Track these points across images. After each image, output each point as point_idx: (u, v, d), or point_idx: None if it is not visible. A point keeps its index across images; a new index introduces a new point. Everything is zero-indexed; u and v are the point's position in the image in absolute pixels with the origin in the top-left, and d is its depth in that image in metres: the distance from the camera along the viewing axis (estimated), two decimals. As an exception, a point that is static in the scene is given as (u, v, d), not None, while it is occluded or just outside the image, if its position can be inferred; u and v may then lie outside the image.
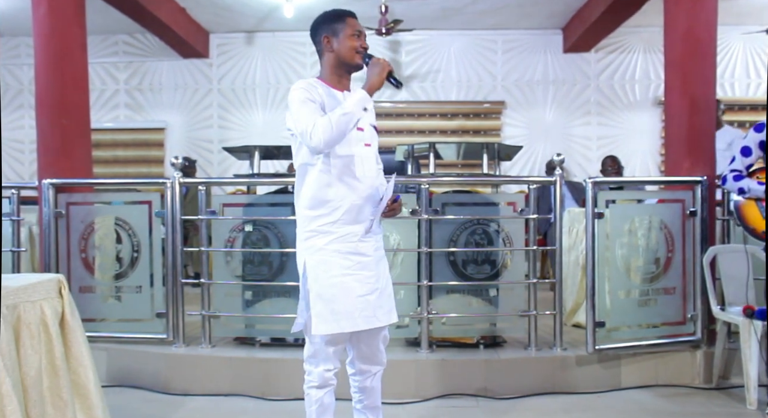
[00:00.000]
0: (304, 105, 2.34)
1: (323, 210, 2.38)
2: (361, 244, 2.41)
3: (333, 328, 2.33)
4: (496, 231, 3.92)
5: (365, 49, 2.48)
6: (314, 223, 2.39)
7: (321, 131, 2.26)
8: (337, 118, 2.28)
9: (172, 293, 3.93)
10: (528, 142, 8.33)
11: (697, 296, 3.92)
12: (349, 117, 2.30)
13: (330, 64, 2.50)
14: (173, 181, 3.94)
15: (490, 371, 3.68)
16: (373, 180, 2.48)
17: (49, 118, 4.47)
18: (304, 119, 2.31)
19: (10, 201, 4.27)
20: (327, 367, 2.41)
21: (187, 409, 3.50)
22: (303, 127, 2.29)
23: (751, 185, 3.24)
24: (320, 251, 2.37)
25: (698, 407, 3.50)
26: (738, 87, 8.44)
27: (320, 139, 2.27)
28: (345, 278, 2.36)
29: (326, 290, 2.34)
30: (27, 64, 8.49)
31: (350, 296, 2.35)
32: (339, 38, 2.46)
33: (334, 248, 2.36)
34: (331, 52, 2.48)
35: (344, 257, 2.37)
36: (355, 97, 2.34)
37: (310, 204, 2.40)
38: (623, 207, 3.96)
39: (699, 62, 4.18)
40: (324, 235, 2.37)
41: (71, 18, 4.59)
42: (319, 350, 2.41)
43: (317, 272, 2.36)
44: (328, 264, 2.36)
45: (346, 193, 2.39)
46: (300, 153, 2.44)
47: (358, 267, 2.39)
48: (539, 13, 7.77)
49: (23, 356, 2.26)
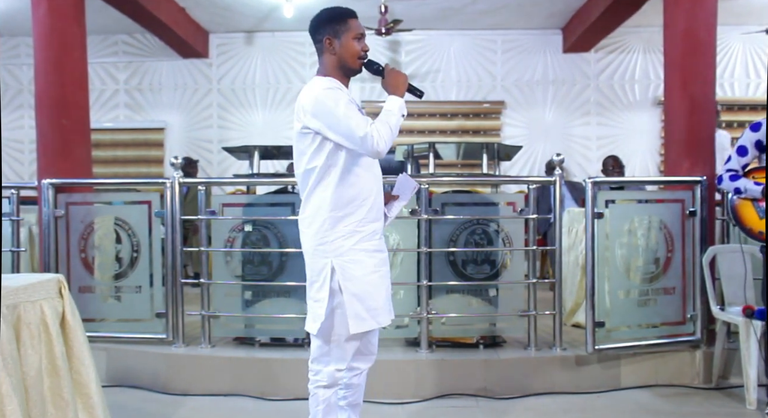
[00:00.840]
0: (350, 108, 2.32)
1: (349, 209, 2.37)
2: (380, 241, 2.47)
3: (371, 325, 2.37)
4: (496, 231, 3.92)
5: (366, 52, 2.48)
6: (341, 223, 2.36)
7: (386, 137, 2.27)
8: (395, 123, 2.32)
9: (172, 293, 3.93)
10: (528, 142, 8.33)
11: (696, 296, 3.93)
12: (399, 124, 2.35)
13: (331, 66, 2.47)
14: (173, 181, 3.94)
15: (489, 371, 3.68)
16: (381, 177, 2.53)
17: (49, 118, 4.47)
18: (361, 123, 2.28)
19: (9, 201, 4.27)
20: (339, 366, 2.42)
21: (187, 409, 3.50)
22: (363, 132, 2.26)
23: (747, 186, 3.23)
24: (350, 251, 2.36)
25: (698, 407, 3.50)
26: (738, 87, 8.45)
27: (386, 145, 2.28)
28: (374, 276, 2.39)
29: (361, 288, 2.35)
30: (27, 64, 8.49)
31: (381, 293, 2.40)
32: (341, 41, 2.42)
33: (362, 247, 2.37)
34: (333, 54, 2.45)
35: (371, 255, 2.39)
36: (395, 104, 2.38)
37: (334, 205, 2.37)
38: (623, 207, 3.96)
39: (699, 62, 4.19)
40: (351, 235, 2.36)
41: (71, 18, 4.59)
42: (334, 349, 2.41)
43: (350, 272, 2.35)
44: (359, 263, 2.36)
45: (370, 191, 2.41)
46: (319, 154, 2.38)
47: (381, 264, 2.44)
48: (539, 13, 7.77)
49: (23, 356, 2.27)
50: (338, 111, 2.30)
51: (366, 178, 2.40)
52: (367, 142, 2.26)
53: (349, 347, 2.41)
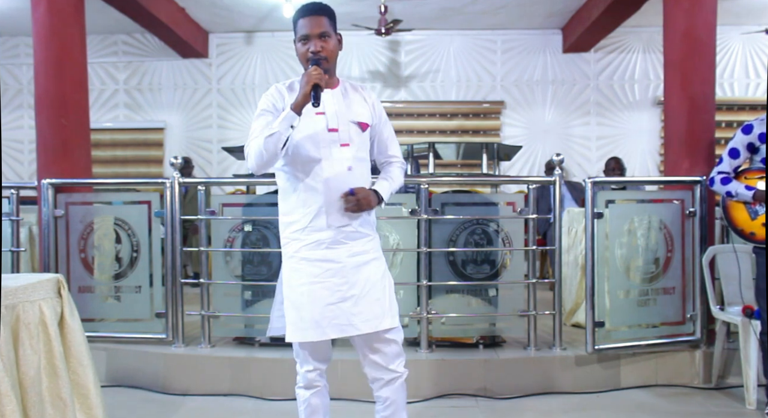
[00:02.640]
0: (257, 119, 2.30)
1: (293, 217, 2.33)
2: (330, 251, 2.29)
3: (301, 336, 2.30)
4: (496, 231, 3.92)
5: (315, 53, 2.27)
6: (287, 229, 2.35)
7: (252, 156, 2.22)
8: (264, 142, 2.18)
9: (172, 293, 3.93)
10: (527, 142, 8.34)
11: (696, 296, 3.93)
12: (276, 137, 2.17)
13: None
14: (172, 181, 3.94)
15: (489, 371, 3.68)
16: (346, 182, 2.30)
17: (49, 118, 4.47)
18: (250, 134, 2.27)
19: (9, 201, 4.26)
20: (307, 368, 2.39)
21: (187, 409, 3.50)
22: (246, 144, 2.27)
23: (738, 190, 3.23)
24: (291, 258, 2.33)
25: (697, 407, 3.50)
26: (737, 87, 8.45)
27: (252, 164, 2.23)
28: (313, 286, 2.28)
29: (296, 297, 2.30)
30: (26, 64, 8.51)
31: (318, 305, 2.27)
32: (296, 45, 2.35)
33: (303, 255, 2.30)
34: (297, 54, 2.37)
35: (312, 264, 2.29)
36: (280, 116, 2.21)
37: (283, 210, 2.38)
38: (623, 207, 3.96)
39: (698, 62, 4.19)
40: (295, 242, 2.32)
41: (71, 18, 4.59)
42: (300, 351, 2.41)
43: (289, 279, 2.34)
44: (297, 272, 2.31)
45: (314, 199, 2.29)
46: None
47: (327, 275, 2.29)
48: (538, 13, 7.77)
49: (22, 356, 2.26)
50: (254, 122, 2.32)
51: (312, 186, 2.28)
52: (247, 160, 2.27)
53: (311, 353, 2.38)
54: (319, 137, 2.29)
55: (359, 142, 2.38)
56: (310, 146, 2.28)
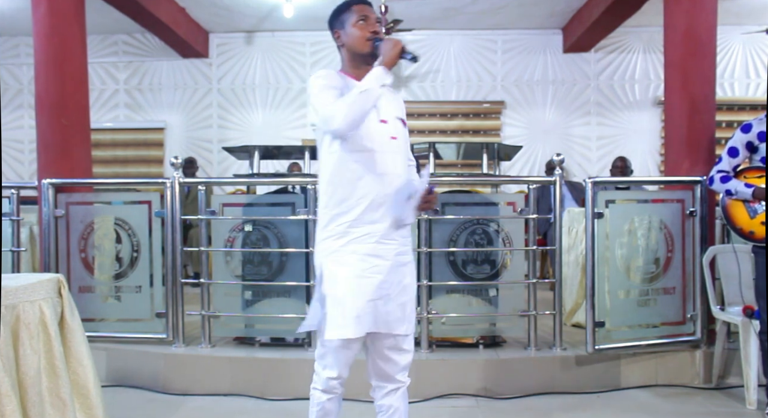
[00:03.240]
0: (323, 91, 2.20)
1: (341, 209, 2.24)
2: (380, 246, 2.25)
3: (343, 333, 2.20)
4: (496, 231, 3.92)
5: (376, 33, 2.31)
6: (332, 223, 2.25)
7: (342, 112, 2.10)
8: (355, 97, 2.12)
9: (172, 293, 3.93)
10: (527, 142, 8.34)
11: (696, 296, 3.93)
12: (368, 94, 2.13)
13: (345, 59, 2.38)
14: (173, 181, 3.94)
15: (489, 371, 3.68)
16: (399, 177, 2.30)
17: (49, 118, 4.47)
18: (324, 104, 2.16)
19: (9, 201, 4.26)
20: (331, 374, 2.28)
21: (187, 409, 3.50)
22: (323, 113, 2.15)
23: (738, 188, 3.23)
24: (336, 252, 2.24)
25: (698, 407, 3.50)
26: (738, 87, 8.45)
27: (341, 121, 2.11)
28: (360, 281, 2.21)
29: (339, 292, 2.21)
30: (27, 64, 8.51)
31: (360, 300, 2.21)
32: (346, 29, 2.32)
33: (351, 249, 2.23)
34: (342, 45, 2.36)
35: (361, 258, 2.23)
36: (372, 75, 2.17)
37: (328, 203, 2.27)
38: (623, 207, 3.96)
39: (699, 62, 4.18)
40: (341, 236, 2.24)
41: (71, 18, 4.59)
42: (328, 354, 2.28)
43: (333, 274, 2.24)
44: (343, 266, 2.22)
45: (367, 191, 2.23)
46: (322, 147, 2.30)
47: (374, 270, 2.24)
48: (539, 12, 7.77)
49: (22, 356, 2.26)
50: (314, 96, 2.21)
51: (365, 177, 2.23)
52: (324, 123, 2.16)
53: (341, 355, 2.25)
54: (372, 128, 2.25)
55: (404, 136, 2.39)
56: (364, 136, 2.24)
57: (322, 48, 8.55)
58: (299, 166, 7.11)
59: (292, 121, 8.64)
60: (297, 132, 8.52)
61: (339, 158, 2.24)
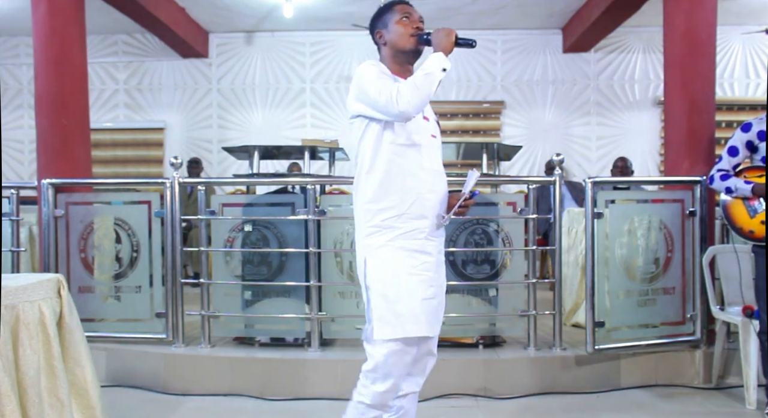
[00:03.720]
0: (380, 78, 2.15)
1: (388, 202, 2.17)
2: (428, 242, 2.21)
3: (397, 332, 2.09)
4: (496, 231, 3.92)
5: (420, 29, 2.31)
6: (377, 217, 2.17)
7: (408, 94, 2.06)
8: (421, 80, 2.10)
9: (172, 293, 3.93)
10: (527, 142, 8.34)
11: (696, 296, 3.92)
12: (432, 78, 2.12)
13: (387, 56, 2.35)
14: (172, 181, 3.94)
15: (489, 371, 3.68)
16: (440, 174, 2.31)
17: (49, 118, 4.47)
18: (385, 89, 2.10)
19: (9, 201, 4.26)
20: (383, 387, 2.13)
21: (186, 409, 3.50)
22: (386, 96, 2.08)
23: (738, 184, 3.23)
24: (383, 247, 2.15)
25: (697, 407, 3.50)
26: (737, 87, 8.45)
27: (408, 102, 2.06)
28: (411, 278, 2.13)
29: (390, 290, 2.12)
30: (26, 64, 8.51)
31: (416, 298, 2.12)
32: (389, 28, 2.32)
33: (400, 244, 2.15)
34: (384, 45, 2.34)
35: (410, 255, 2.15)
36: (432, 59, 2.17)
37: (374, 196, 2.18)
38: (623, 207, 3.96)
39: (698, 62, 4.18)
40: (388, 230, 2.16)
41: (71, 18, 4.59)
42: (379, 365, 2.12)
43: (380, 271, 2.14)
44: (392, 262, 2.14)
45: (414, 184, 2.19)
46: (365, 139, 2.22)
47: (423, 267, 2.17)
48: (539, 13, 7.77)
49: (21, 356, 2.26)
50: (369, 82, 2.14)
51: (414, 171, 2.20)
52: (389, 105, 2.08)
53: (398, 362, 2.12)
54: (420, 124, 2.25)
55: (439, 137, 2.39)
56: (413, 131, 2.22)
57: (322, 48, 8.55)
58: (299, 167, 7.11)
59: (292, 121, 8.64)
60: (297, 132, 8.51)
61: (387, 151, 2.19)
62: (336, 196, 5.57)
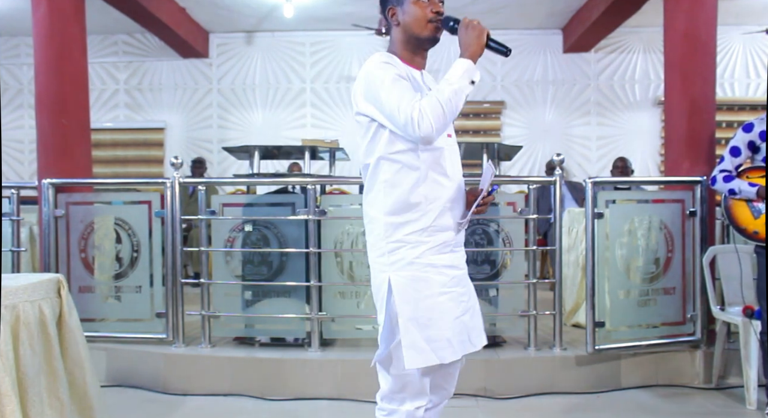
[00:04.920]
0: (396, 84, 1.87)
1: (411, 215, 1.92)
2: (454, 255, 2.00)
3: (430, 359, 1.88)
4: (496, 231, 3.92)
5: (440, 14, 2.04)
6: (400, 231, 1.92)
7: (432, 117, 1.81)
8: (447, 98, 1.84)
9: (172, 293, 3.93)
10: (528, 142, 8.34)
11: (696, 296, 3.92)
12: (461, 95, 1.87)
13: (398, 40, 2.06)
14: (173, 181, 3.93)
15: (489, 371, 3.68)
16: (460, 177, 2.07)
17: (49, 118, 4.48)
18: (403, 103, 1.83)
19: (9, 201, 4.26)
20: (419, 403, 1.95)
21: (187, 408, 3.50)
22: (406, 116, 1.81)
23: (741, 186, 3.23)
24: (411, 265, 1.91)
25: (698, 407, 3.50)
26: (738, 87, 8.45)
27: (431, 127, 1.81)
28: (442, 298, 1.92)
29: (422, 313, 1.89)
30: (27, 64, 8.51)
31: (447, 319, 1.92)
32: (404, 7, 2.01)
33: (428, 261, 1.92)
34: (397, 25, 2.04)
35: (439, 271, 1.93)
36: (459, 69, 1.92)
37: (394, 208, 1.93)
38: (623, 207, 3.96)
39: (699, 62, 4.18)
40: (414, 246, 1.91)
41: (71, 18, 4.60)
42: (410, 384, 1.94)
43: (409, 292, 1.90)
44: (422, 282, 1.91)
45: (438, 193, 1.95)
46: (377, 144, 1.95)
47: (453, 283, 1.97)
48: (539, 13, 7.78)
49: (22, 356, 2.26)
50: (383, 89, 1.87)
51: (435, 178, 1.95)
52: (408, 127, 1.82)
53: (425, 381, 1.95)
54: None
55: (455, 136, 2.15)
56: None
57: (322, 48, 8.55)
58: (299, 167, 7.11)
59: (292, 122, 8.64)
60: (296, 132, 8.51)
61: (404, 157, 1.93)
62: (336, 197, 5.58)
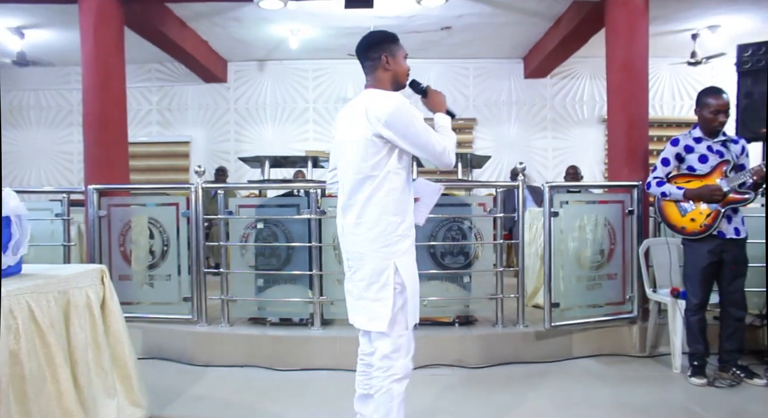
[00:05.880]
0: (425, 126, 2.14)
1: (404, 215, 2.19)
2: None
3: (416, 319, 2.21)
4: (469, 227, 3.93)
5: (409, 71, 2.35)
6: (401, 227, 2.17)
7: (453, 150, 2.20)
8: (454, 138, 2.23)
9: (196, 281, 3.92)
10: (495, 152, 8.36)
11: (634, 280, 3.95)
12: (453, 140, 2.24)
13: (386, 80, 2.26)
14: (197, 187, 3.93)
15: (463, 345, 3.69)
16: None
17: (94, 134, 4.46)
18: (437, 140, 2.15)
19: (61, 203, 4.31)
20: (408, 357, 2.19)
21: (209, 377, 3.49)
22: (442, 148, 2.14)
23: (671, 190, 3.28)
24: (406, 253, 2.18)
25: (635, 372, 3.53)
26: (666, 108, 8.53)
27: (453, 158, 2.20)
28: (416, 275, 2.24)
29: (414, 287, 2.19)
30: (76, 89, 8.44)
31: (418, 292, 2.24)
32: (396, 59, 2.26)
33: (411, 249, 2.21)
34: (387, 70, 2.25)
35: (413, 256, 2.23)
36: (446, 121, 2.28)
37: (395, 210, 2.16)
38: (574, 207, 3.98)
39: (634, 87, 4.22)
40: (407, 238, 2.19)
41: (113, 50, 4.58)
42: (405, 341, 2.17)
43: (409, 272, 2.18)
44: (412, 264, 2.21)
45: (412, 201, 2.27)
46: (385, 162, 2.15)
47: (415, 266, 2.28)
48: (504, 45, 7.81)
49: (72, 334, 2.27)
50: (418, 125, 2.11)
51: (410, 186, 2.25)
52: (445, 156, 2.15)
53: (412, 336, 2.21)
54: None
55: None
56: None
57: (322, 74, 8.55)
58: (303, 173, 7.10)
59: (297, 136, 8.63)
60: (301, 144, 8.50)
61: (404, 171, 2.19)
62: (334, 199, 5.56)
